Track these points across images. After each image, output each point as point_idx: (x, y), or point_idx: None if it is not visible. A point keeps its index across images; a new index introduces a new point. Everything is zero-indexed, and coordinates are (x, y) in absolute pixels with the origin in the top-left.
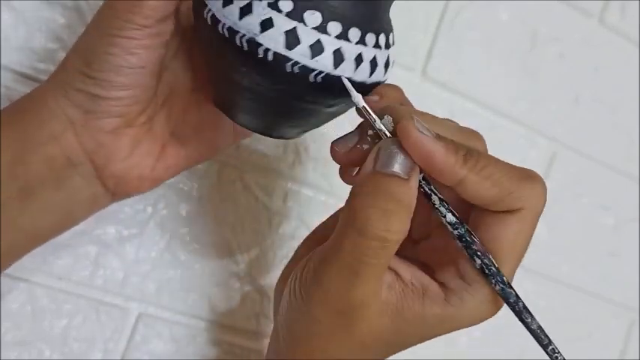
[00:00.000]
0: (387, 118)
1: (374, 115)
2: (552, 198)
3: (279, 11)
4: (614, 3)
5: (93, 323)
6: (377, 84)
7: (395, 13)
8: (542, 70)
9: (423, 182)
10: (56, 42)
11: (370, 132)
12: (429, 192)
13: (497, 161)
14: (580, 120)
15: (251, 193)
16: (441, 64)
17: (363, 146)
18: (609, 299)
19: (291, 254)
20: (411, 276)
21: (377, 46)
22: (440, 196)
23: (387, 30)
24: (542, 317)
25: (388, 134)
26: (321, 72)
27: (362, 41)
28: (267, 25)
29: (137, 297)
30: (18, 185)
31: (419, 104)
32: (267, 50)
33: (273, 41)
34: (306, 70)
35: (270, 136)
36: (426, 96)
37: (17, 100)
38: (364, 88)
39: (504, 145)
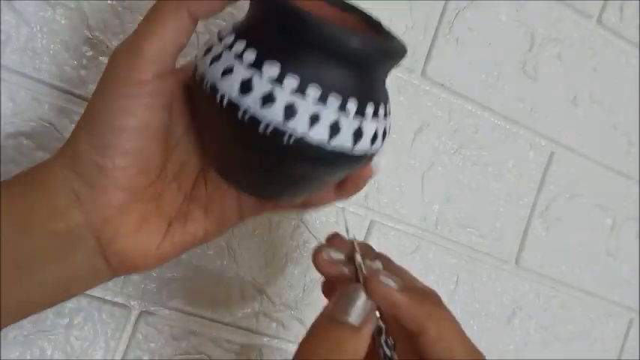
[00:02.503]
0: (377, 263)
1: (359, 257)
2: (551, 198)
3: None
4: (613, 4)
5: (94, 322)
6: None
7: (395, 13)
8: (541, 70)
9: (381, 338)
10: (58, 43)
11: (358, 259)
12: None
13: (453, 320)
14: (579, 120)
15: None
16: (441, 64)
17: (344, 268)
18: (608, 299)
19: (290, 254)
20: None
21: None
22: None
23: (378, 100)
24: (541, 317)
25: (363, 275)
26: (318, 146)
27: (359, 113)
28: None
29: (138, 295)
30: (18, 258)
31: (419, 104)
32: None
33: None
34: (301, 143)
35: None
36: (426, 96)
37: (24, 171)
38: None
39: (504, 145)
